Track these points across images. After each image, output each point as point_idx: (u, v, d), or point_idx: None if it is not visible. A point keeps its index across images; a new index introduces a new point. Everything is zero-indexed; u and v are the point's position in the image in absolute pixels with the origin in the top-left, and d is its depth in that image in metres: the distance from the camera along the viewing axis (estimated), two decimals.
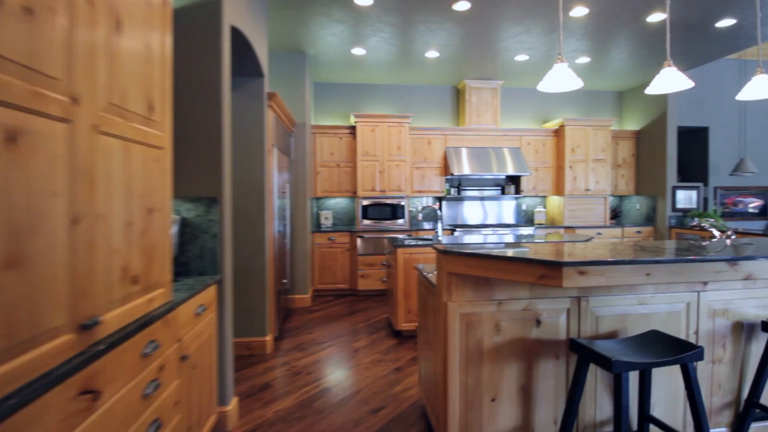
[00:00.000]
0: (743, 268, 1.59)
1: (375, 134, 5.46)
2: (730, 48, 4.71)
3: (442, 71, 5.49)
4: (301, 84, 4.81)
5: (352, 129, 5.54)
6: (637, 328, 1.93)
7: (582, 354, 1.63)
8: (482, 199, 6.12)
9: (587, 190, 5.87)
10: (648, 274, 1.53)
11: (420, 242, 3.64)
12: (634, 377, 1.92)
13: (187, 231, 2.24)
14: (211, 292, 2.15)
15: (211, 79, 2.25)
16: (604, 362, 1.51)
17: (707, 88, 6.38)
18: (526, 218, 6.30)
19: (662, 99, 5.75)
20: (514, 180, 6.04)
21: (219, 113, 2.25)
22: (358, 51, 4.72)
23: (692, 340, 1.97)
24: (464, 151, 5.70)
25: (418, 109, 6.09)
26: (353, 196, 5.58)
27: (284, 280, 4.03)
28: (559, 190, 5.94)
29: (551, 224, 6.03)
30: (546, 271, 1.51)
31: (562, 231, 5.73)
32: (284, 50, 4.73)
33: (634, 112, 6.25)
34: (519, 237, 3.92)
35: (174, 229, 2.16)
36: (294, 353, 3.35)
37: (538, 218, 6.03)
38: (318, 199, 5.85)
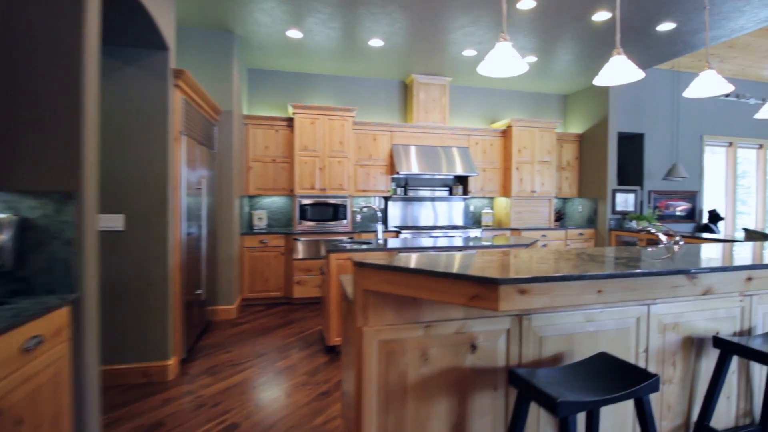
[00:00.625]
0: (703, 281, 1.36)
1: (315, 128, 5.02)
2: (669, 54, 4.80)
3: (389, 64, 5.17)
4: (228, 67, 4.26)
5: (290, 121, 5.06)
6: (584, 348, 1.67)
7: (522, 390, 1.32)
8: (432, 199, 5.87)
9: (533, 191, 5.81)
10: (600, 292, 1.25)
11: (363, 246, 3.26)
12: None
13: (29, 236, 1.69)
14: (58, 316, 1.62)
15: (69, 41, 1.72)
16: (548, 402, 1.21)
17: (643, 96, 6.57)
18: (474, 220, 6.14)
19: (603, 104, 5.82)
20: (462, 180, 5.85)
21: (78, 85, 1.73)
22: (294, 33, 4.26)
23: (642, 359, 1.75)
24: (412, 149, 5.41)
25: (364, 103, 5.73)
26: (290, 194, 5.09)
27: (198, 290, 3.48)
28: (506, 191, 5.83)
29: (498, 226, 5.91)
30: (479, 290, 1.18)
31: (508, 233, 5.61)
32: (206, 26, 4.16)
33: (578, 116, 6.30)
34: (467, 240, 3.67)
35: (5, 234, 1.61)
36: (203, 378, 2.84)
37: (486, 220, 5.89)
38: (251, 197, 5.30)
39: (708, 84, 2.34)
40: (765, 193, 8.07)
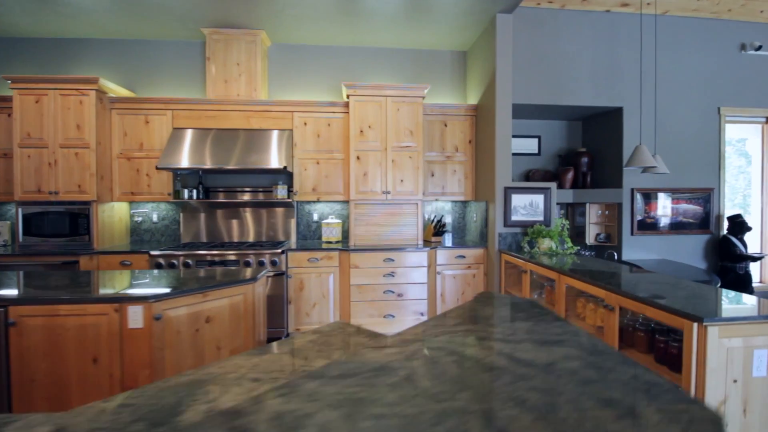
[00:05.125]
0: None
1: (42, 107, 3.63)
2: None
3: (174, 11, 3.62)
4: None
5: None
6: None
7: None
8: (253, 205, 4.21)
9: (385, 192, 3.91)
10: None
11: None
12: None
13: None
14: None
15: None
16: None
17: (618, 52, 4.32)
18: (318, 233, 4.37)
19: (491, 60, 3.72)
20: (291, 178, 4.13)
21: None
22: None
23: None
24: (197, 135, 3.82)
25: (156, 74, 4.23)
26: (11, 199, 3.76)
27: None
28: (348, 193, 4.00)
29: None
30: None
31: (335, 255, 3.76)
32: None
33: (477, 80, 4.24)
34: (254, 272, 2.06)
35: None
36: None
37: (328, 234, 4.10)
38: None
39: None
40: None
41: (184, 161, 3.60)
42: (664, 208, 4.87)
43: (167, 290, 2.00)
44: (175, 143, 3.72)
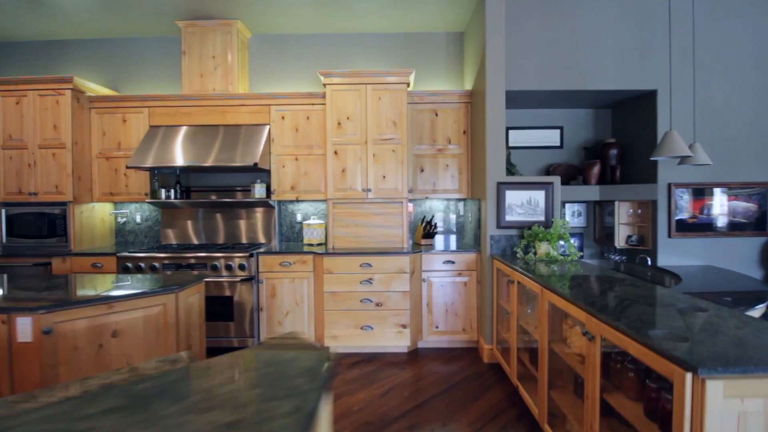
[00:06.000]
0: None
1: (22, 108, 3.62)
2: None
3: (149, 5, 3.51)
4: None
5: None
6: None
7: None
8: (237, 205, 4.01)
9: (366, 190, 3.54)
10: None
11: None
12: None
13: None
14: None
15: None
16: None
17: (652, 30, 3.69)
18: (302, 234, 4.08)
19: (483, 38, 3.24)
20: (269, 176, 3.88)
21: None
22: None
23: None
24: (175, 132, 3.67)
25: (134, 73, 4.14)
26: None
27: None
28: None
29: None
30: None
31: (309, 259, 3.44)
32: None
33: (472, 63, 3.76)
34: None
35: None
36: None
37: (310, 235, 3.81)
38: None
39: None
40: None
41: (154, 160, 3.44)
42: (712, 206, 4.11)
43: (60, 300, 1.78)
44: (148, 142, 3.59)
